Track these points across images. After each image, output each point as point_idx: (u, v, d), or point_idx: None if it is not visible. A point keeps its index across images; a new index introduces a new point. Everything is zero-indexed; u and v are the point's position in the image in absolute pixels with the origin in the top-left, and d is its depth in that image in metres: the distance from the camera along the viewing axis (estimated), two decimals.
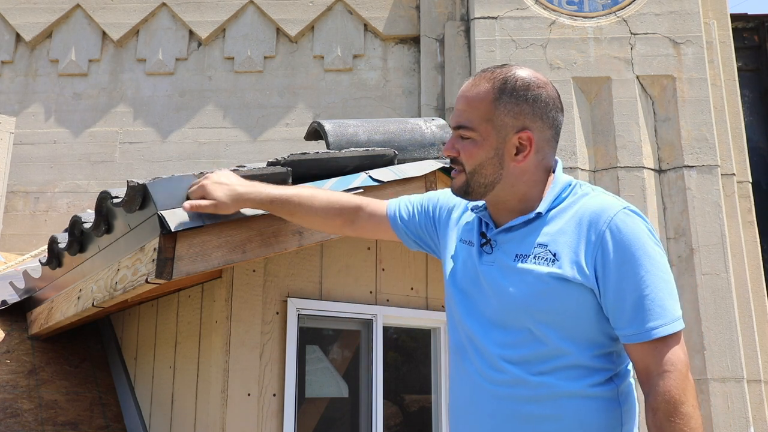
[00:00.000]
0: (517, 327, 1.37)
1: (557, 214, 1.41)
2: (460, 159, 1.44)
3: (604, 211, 1.35)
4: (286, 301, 2.61)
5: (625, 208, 1.36)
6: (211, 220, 1.95)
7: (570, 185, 1.45)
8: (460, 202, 1.66)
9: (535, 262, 1.36)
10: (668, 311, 1.29)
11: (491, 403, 1.37)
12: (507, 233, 1.45)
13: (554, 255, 1.35)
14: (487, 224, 1.50)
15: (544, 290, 1.34)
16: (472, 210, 1.56)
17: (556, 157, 1.50)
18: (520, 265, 1.38)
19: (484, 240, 1.48)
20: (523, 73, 1.43)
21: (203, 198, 1.82)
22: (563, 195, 1.43)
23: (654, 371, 1.27)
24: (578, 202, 1.41)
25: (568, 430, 1.31)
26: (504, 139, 1.41)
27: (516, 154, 1.41)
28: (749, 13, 7.68)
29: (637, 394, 1.41)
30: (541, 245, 1.38)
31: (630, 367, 1.42)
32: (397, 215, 1.76)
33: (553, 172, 1.47)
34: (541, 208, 1.41)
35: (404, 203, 1.78)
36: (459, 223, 1.61)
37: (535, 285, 1.35)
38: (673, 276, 1.34)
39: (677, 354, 1.27)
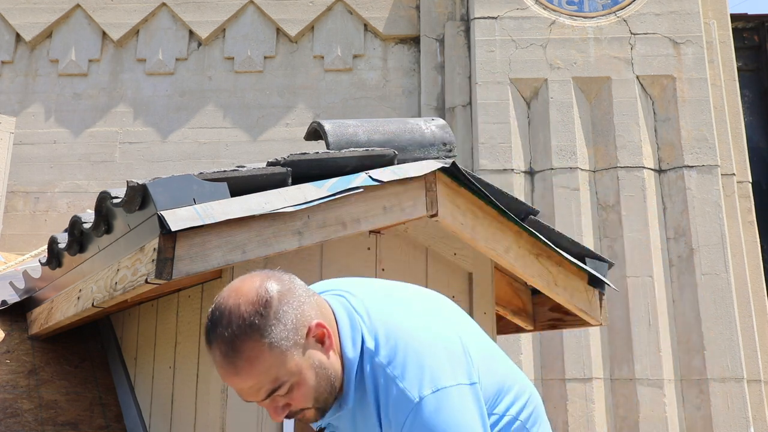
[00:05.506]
0: None
1: (357, 403, 1.34)
2: (297, 408, 1.30)
3: (400, 409, 1.25)
4: None
5: (422, 399, 1.23)
6: (211, 220, 1.94)
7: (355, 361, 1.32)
8: None
9: None
10: None
11: None
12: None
13: None
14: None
15: None
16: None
17: (331, 297, 1.38)
18: None
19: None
20: (249, 296, 1.24)
21: None
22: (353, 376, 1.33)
23: None
24: (373, 389, 1.30)
25: None
26: (306, 354, 1.27)
27: (322, 349, 1.30)
28: (749, 13, 7.67)
29: None
30: None
31: None
32: None
33: (337, 323, 1.34)
34: (349, 401, 1.34)
35: None
36: None
37: None
38: None
39: None
